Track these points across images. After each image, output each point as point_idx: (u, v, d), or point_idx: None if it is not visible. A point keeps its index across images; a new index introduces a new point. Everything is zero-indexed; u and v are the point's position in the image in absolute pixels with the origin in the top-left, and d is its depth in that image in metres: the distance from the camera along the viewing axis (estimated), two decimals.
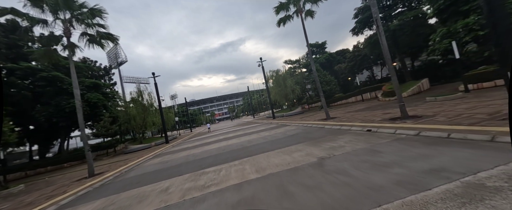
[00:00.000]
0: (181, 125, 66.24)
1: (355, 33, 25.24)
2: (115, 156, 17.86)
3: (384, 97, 17.83)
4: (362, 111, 12.20)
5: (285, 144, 6.71)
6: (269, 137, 9.53)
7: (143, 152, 15.78)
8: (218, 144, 10.82)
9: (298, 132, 9.01)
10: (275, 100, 26.74)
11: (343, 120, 9.54)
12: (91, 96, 19.61)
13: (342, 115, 11.85)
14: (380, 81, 30.50)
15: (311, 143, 6.12)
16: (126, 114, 20.22)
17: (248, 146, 8.00)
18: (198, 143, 13.91)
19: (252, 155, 6.11)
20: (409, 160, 3.21)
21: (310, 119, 13.99)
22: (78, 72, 22.28)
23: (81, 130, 9.15)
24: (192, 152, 10.00)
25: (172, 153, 11.45)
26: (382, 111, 9.89)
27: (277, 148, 6.32)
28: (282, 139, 7.98)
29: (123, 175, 7.61)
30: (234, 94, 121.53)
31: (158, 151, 13.80)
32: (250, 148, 7.41)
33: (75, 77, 9.46)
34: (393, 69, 7.16)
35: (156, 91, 21.43)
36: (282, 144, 6.84)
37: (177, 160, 8.29)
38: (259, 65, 24.99)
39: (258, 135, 11.12)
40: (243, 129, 17.64)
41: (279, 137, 8.67)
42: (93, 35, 10.41)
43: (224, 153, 7.66)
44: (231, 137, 12.91)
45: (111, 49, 48.28)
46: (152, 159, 10.44)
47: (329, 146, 5.17)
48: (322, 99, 11.89)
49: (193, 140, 18.38)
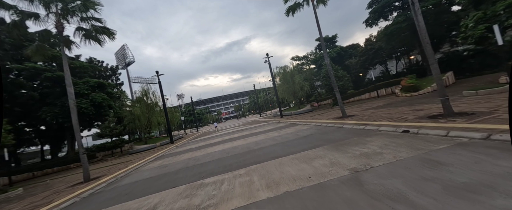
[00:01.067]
0: (189, 125, 66.51)
1: (368, 24, 23.48)
2: (120, 157, 17.47)
3: (404, 93, 16.23)
4: (383, 108, 10.85)
5: (299, 148, 5.64)
6: (278, 138, 8.48)
7: (147, 153, 15.21)
8: (222, 146, 9.91)
9: (312, 133, 7.89)
10: (282, 98, 25.56)
11: (364, 119, 8.31)
12: (96, 96, 19.32)
13: (361, 113, 10.56)
14: (394, 76, 28.50)
15: (332, 147, 5.01)
16: (131, 114, 19.80)
17: (255, 149, 6.99)
18: (202, 144, 13.10)
19: (261, 161, 5.10)
20: (504, 179, 2.07)
21: (323, 117, 12.78)
22: (83, 72, 22.22)
23: (76, 131, 8.51)
24: (194, 155, 9.14)
25: (174, 155, 10.67)
26: (411, 108, 8.55)
27: (290, 153, 5.26)
28: (294, 141, 6.90)
29: (117, 182, 6.85)
30: (240, 93, 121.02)
31: (161, 153, 13.11)
32: (258, 152, 6.40)
33: (69, 74, 8.81)
34: (433, 54, 5.89)
35: (160, 90, 20.87)
36: (295, 148, 5.78)
37: (177, 165, 7.43)
38: (265, 61, 23.88)
39: (266, 136, 10.09)
40: (250, 129, 16.67)
41: (291, 139, 7.60)
42: (88, 29, 9.73)
43: (228, 157, 6.70)
44: (237, 138, 11.97)
45: (119, 50, 48.94)
46: (152, 162, 9.69)
47: (359, 153, 4.05)
48: (337, 95, 10.66)
49: (197, 140, 17.65)
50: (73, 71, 20.98)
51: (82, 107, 18.09)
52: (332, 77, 10.67)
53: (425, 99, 10.48)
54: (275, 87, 23.25)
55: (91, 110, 18.57)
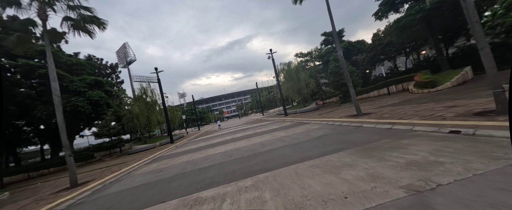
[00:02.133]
0: (190, 123, 65.95)
1: (378, 17, 22.23)
2: (118, 157, 16.72)
3: (419, 89, 15.07)
4: (401, 105, 9.78)
5: (316, 152, 4.67)
6: (287, 138, 7.51)
7: (145, 154, 14.40)
8: (224, 147, 8.99)
9: (327, 133, 6.90)
10: (286, 96, 24.53)
11: (384, 117, 7.28)
12: (93, 94, 18.57)
13: (377, 111, 9.52)
14: (403, 72, 27.21)
15: (360, 152, 4.03)
16: (129, 112, 19.03)
17: (261, 152, 6.05)
18: (202, 145, 12.21)
19: (271, 168, 4.15)
20: None
21: (333, 115, 11.76)
22: (80, 69, 21.47)
23: (61, 130, 7.66)
24: (194, 157, 8.24)
25: (171, 157, 9.80)
26: (438, 104, 7.48)
27: (306, 158, 4.30)
28: (307, 143, 5.93)
29: (103, 190, 5.98)
30: (242, 92, 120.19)
31: (159, 154, 12.27)
32: (265, 156, 5.45)
33: (53, 68, 7.95)
34: (483, 36, 4.82)
35: (160, 87, 20.05)
36: (311, 151, 4.81)
37: (173, 169, 6.53)
38: (269, 57, 22.86)
39: (271, 136, 9.13)
40: (253, 128, 15.73)
41: (302, 139, 6.62)
42: (76, 19, 8.85)
43: (231, 161, 5.76)
44: (240, 138, 11.04)
45: (120, 49, 48.31)
46: (148, 165, 8.82)
47: (404, 161, 3.07)
48: (351, 90, 9.63)
49: (198, 140, 16.79)
50: (70, 68, 20.29)
51: (78, 106, 17.36)
52: (346, 70, 9.63)
53: (450, 95, 9.38)
54: (279, 84, 22.22)
55: (88, 109, 17.83)
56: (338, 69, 17.69)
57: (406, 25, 18.75)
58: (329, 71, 18.37)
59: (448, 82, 13.49)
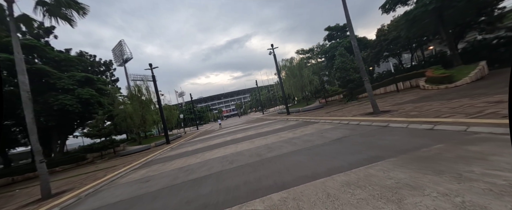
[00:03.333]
0: (189, 123, 64.80)
1: (385, 10, 21.11)
2: (109, 160, 15.57)
3: (433, 85, 14.03)
4: (423, 101, 8.72)
5: (344, 160, 3.57)
6: (297, 141, 6.42)
7: (137, 156, 13.27)
8: (223, 150, 7.88)
9: (346, 134, 5.80)
10: (288, 93, 23.43)
11: (412, 115, 6.20)
12: (82, 91, 17.35)
13: (396, 108, 8.45)
14: (410, 69, 26.17)
15: (411, 162, 2.94)
16: (123, 111, 17.85)
17: (269, 158, 4.95)
18: (199, 146, 11.09)
19: (288, 184, 3.06)
20: None
21: (344, 113, 10.67)
22: (69, 66, 20.19)
23: (30, 132, 6.50)
24: (188, 162, 7.12)
25: (164, 161, 8.68)
26: (475, 100, 6.40)
27: (334, 170, 3.21)
28: (326, 148, 4.83)
29: (75, 205, 4.86)
30: (241, 91, 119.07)
31: (152, 156, 11.14)
32: (276, 164, 4.36)
33: (21, 58, 6.77)
34: None
35: (155, 85, 18.86)
36: (337, 160, 3.72)
37: (161, 179, 5.41)
38: (270, 53, 21.70)
39: (278, 137, 8.04)
40: (255, 128, 14.63)
41: (317, 142, 5.53)
42: (52, 4, 7.65)
43: (232, 170, 4.66)
44: (241, 140, 9.93)
45: (116, 46, 46.94)
46: (136, 171, 7.70)
47: (507, 182, 1.97)
48: (368, 85, 8.53)
49: (195, 141, 15.67)
50: (58, 65, 19.00)
51: (67, 104, 16.14)
52: (361, 62, 8.51)
53: (481, 90, 8.30)
54: (281, 81, 21.09)
55: (77, 107, 16.62)
56: (344, 64, 16.60)
57: (417, 18, 17.64)
58: (334, 66, 17.26)
59: (466, 77, 12.44)
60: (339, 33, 23.78)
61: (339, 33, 23.80)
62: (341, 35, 23.62)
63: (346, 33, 23.57)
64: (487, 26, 19.92)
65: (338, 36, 23.68)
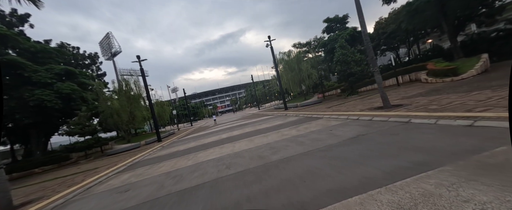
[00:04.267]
0: (183, 119, 63.22)
1: (386, 1, 20.37)
2: (94, 160, 14.37)
3: (436, 78, 13.55)
4: (435, 94, 8.09)
5: (376, 167, 2.77)
6: (304, 139, 5.60)
7: (124, 156, 12.19)
8: (219, 150, 6.98)
9: (362, 132, 5.02)
10: (286, 88, 22.61)
11: (433, 109, 5.49)
12: (62, 86, 15.82)
13: (408, 102, 7.77)
14: (406, 63, 25.84)
15: (485, 174, 2.15)
16: (108, 108, 16.50)
17: (275, 162, 4.11)
18: (192, 145, 10.15)
19: (308, 204, 2.21)
20: None
21: (349, 108, 9.95)
22: (47, 58, 18.39)
23: None
24: (178, 164, 6.20)
25: (152, 163, 7.70)
26: (496, 93, 5.75)
27: (371, 183, 2.39)
28: (343, 149, 4.03)
29: None
30: (236, 86, 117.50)
31: (139, 157, 10.11)
32: (284, 170, 3.51)
33: None
34: None
35: (143, 79, 17.53)
36: (365, 166, 2.90)
37: (144, 188, 4.48)
38: (267, 45, 20.66)
39: (279, 135, 7.22)
40: (253, 124, 13.77)
41: (329, 142, 4.72)
42: None
43: (230, 178, 3.78)
44: (239, 137, 9.06)
45: (103, 39, 44.29)
46: (118, 176, 6.70)
47: None
48: (378, 76, 7.77)
49: (188, 138, 14.69)
50: (34, 57, 17.20)
51: (44, 100, 14.64)
52: (371, 52, 7.69)
53: (494, 82, 7.73)
54: (278, 74, 20.17)
55: (56, 103, 15.14)
56: (345, 57, 15.84)
57: (419, 9, 17.02)
58: (334, 59, 16.49)
59: (472, 70, 11.98)
60: (339, 25, 22.92)
61: (338, 25, 22.93)
62: (340, 27, 22.77)
63: (345, 25, 22.76)
64: (487, 18, 19.61)
65: (338, 28, 22.83)
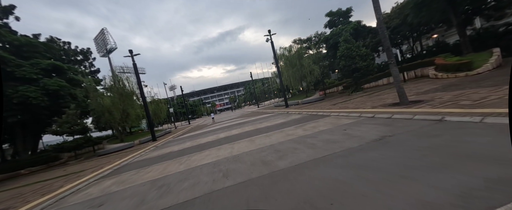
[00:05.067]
0: (181, 117, 62.29)
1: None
2: (83, 161, 13.48)
3: (447, 73, 12.78)
4: (451, 90, 7.30)
5: (446, 188, 1.95)
6: (314, 140, 4.78)
7: (115, 157, 11.32)
8: (215, 152, 6.15)
9: (387, 132, 4.21)
10: (286, 85, 21.75)
11: (467, 106, 4.69)
12: (49, 82, 14.81)
13: (427, 98, 6.97)
14: (410, 60, 25.08)
15: None
16: (99, 105, 15.54)
17: (283, 170, 3.28)
18: (187, 145, 9.30)
19: None
20: None
21: (358, 105, 9.15)
22: (34, 52, 17.22)
23: None
24: (168, 169, 5.35)
25: (140, 167, 6.85)
26: None
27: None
28: (371, 155, 3.21)
29: None
30: (235, 84, 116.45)
31: (129, 158, 9.25)
32: (297, 181, 2.70)
33: None
34: None
35: (136, 74, 16.56)
36: (426, 186, 2.08)
37: (119, 205, 3.63)
38: (267, 40, 19.73)
39: (284, 134, 6.40)
40: (252, 122, 12.94)
41: (348, 145, 3.90)
42: None
43: (228, 192, 2.95)
44: (238, 137, 8.22)
45: (98, 35, 42.92)
46: (99, 183, 5.85)
47: None
48: (394, 69, 6.95)
49: (184, 137, 13.83)
50: (19, 51, 16.12)
51: (29, 97, 13.65)
52: (387, 40, 6.83)
53: None
54: (279, 70, 19.28)
55: (43, 100, 14.15)
56: (350, 51, 14.99)
57: (427, 1, 16.20)
58: (338, 54, 15.63)
59: (488, 64, 11.21)
60: (342, 19, 21.98)
61: (341, 19, 22.00)
62: (343, 21, 21.84)
63: (349, 19, 21.84)
64: (495, 12, 18.84)
65: (340, 22, 21.90)
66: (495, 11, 18.70)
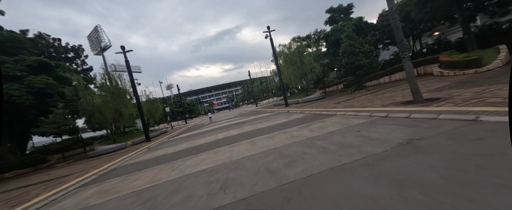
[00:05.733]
0: (179, 116, 61.33)
1: None
2: (72, 164, 12.70)
3: (454, 70, 12.33)
4: (467, 87, 6.78)
5: None
6: (325, 143, 4.17)
7: (105, 159, 10.58)
8: (213, 156, 5.50)
9: (413, 135, 3.61)
10: (286, 83, 21.14)
11: (497, 104, 4.13)
12: (35, 80, 13.89)
13: (443, 95, 6.43)
14: (412, 57, 24.68)
15: None
16: (89, 104, 14.71)
17: (295, 183, 2.65)
18: (182, 147, 8.62)
19: None
20: None
21: (365, 103, 8.58)
22: (20, 48, 16.23)
23: None
24: (158, 177, 4.69)
25: (127, 173, 6.16)
26: None
27: None
28: (406, 164, 2.59)
29: None
30: (233, 83, 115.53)
31: (119, 162, 8.53)
32: (317, 201, 2.06)
33: None
34: None
35: (129, 71, 15.74)
36: None
37: None
38: (266, 36, 19.06)
39: (288, 135, 5.78)
40: (252, 122, 12.30)
41: (369, 150, 3.30)
42: None
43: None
44: (237, 138, 7.58)
45: (91, 33, 41.63)
46: (76, 194, 5.15)
47: None
48: (408, 64, 6.38)
49: (180, 138, 13.14)
50: (3, 46, 15.16)
51: (12, 95, 12.75)
52: (400, 32, 6.24)
53: None
54: (278, 68, 18.64)
55: (27, 99, 13.25)
56: (352, 48, 14.44)
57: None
58: (341, 51, 15.07)
59: (497, 60, 10.76)
60: (342, 15, 21.41)
61: (342, 15, 21.43)
62: (344, 17, 21.27)
63: (350, 16, 21.27)
64: (499, 8, 18.50)
65: (341, 18, 21.32)
66: (500, 7, 18.36)
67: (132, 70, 37.46)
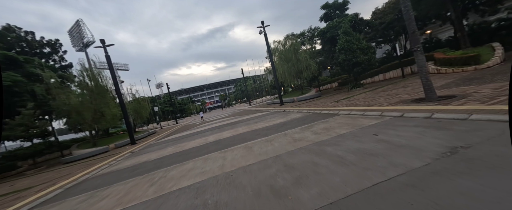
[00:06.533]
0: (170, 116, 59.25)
1: None
2: (43, 171, 11.24)
3: (452, 67, 12.12)
4: (483, 83, 6.32)
5: None
6: (339, 151, 3.42)
7: (78, 166, 9.31)
8: (201, 164, 4.60)
9: (454, 142, 2.92)
10: (281, 81, 20.43)
11: None
12: None
13: (460, 92, 5.90)
14: (403, 56, 24.85)
15: None
16: (63, 104, 13.18)
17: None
18: (168, 152, 7.62)
19: None
20: None
21: (368, 101, 7.98)
22: None
23: None
24: (132, 193, 3.74)
25: (97, 188, 5.12)
26: None
27: None
28: (481, 191, 1.86)
29: None
30: (225, 82, 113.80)
31: (94, 170, 7.39)
32: None
33: None
34: None
35: (110, 68, 14.32)
36: None
37: None
38: (260, 32, 18.18)
39: (290, 139, 5.00)
40: (246, 122, 11.44)
41: (404, 163, 2.56)
42: None
43: None
44: (230, 142, 6.70)
45: (73, 27, 38.78)
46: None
47: None
48: (421, 58, 5.81)
49: (168, 141, 12.04)
50: None
51: None
52: (412, 22, 5.63)
53: None
54: (273, 65, 17.86)
55: None
56: (350, 44, 13.92)
57: None
58: (338, 47, 14.52)
59: (496, 57, 10.60)
60: (338, 11, 20.95)
61: (338, 12, 20.97)
62: (340, 14, 20.82)
63: (345, 12, 20.85)
64: (489, 7, 18.79)
65: (337, 15, 20.86)
66: (489, 6, 18.63)
67: (119, 68, 35.04)
